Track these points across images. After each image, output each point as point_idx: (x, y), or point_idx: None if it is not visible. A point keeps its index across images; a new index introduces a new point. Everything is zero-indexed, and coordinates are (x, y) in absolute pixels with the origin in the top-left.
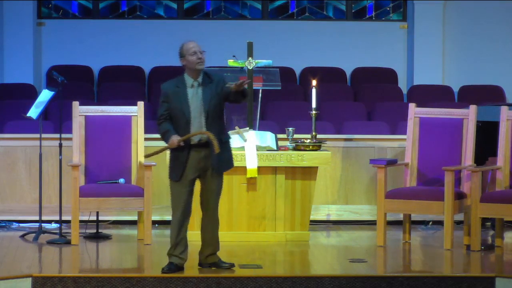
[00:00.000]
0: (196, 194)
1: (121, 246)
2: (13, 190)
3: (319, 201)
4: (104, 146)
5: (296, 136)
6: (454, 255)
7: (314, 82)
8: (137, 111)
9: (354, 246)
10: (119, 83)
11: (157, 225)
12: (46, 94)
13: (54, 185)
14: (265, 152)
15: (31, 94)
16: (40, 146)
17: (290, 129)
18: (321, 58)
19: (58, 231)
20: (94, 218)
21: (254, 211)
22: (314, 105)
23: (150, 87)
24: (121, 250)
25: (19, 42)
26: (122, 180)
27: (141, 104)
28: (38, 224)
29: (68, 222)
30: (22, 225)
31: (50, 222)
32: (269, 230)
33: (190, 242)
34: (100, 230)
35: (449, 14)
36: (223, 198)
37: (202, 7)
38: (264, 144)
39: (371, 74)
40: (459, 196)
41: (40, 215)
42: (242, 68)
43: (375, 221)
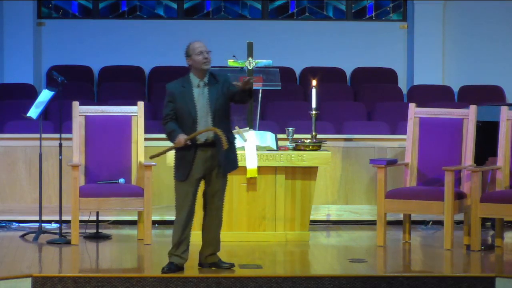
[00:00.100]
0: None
1: (121, 246)
2: (13, 190)
3: (319, 201)
4: (104, 146)
5: (296, 136)
6: (454, 255)
7: (314, 82)
8: (137, 111)
9: (354, 246)
10: (119, 83)
11: (157, 225)
12: (46, 94)
13: (54, 185)
14: (265, 152)
15: (31, 94)
16: (40, 146)
17: (290, 129)
18: (321, 58)
19: (58, 231)
20: (94, 218)
21: (254, 211)
22: (314, 105)
23: (150, 87)
24: (121, 250)
25: (19, 42)
26: (122, 180)
27: (141, 104)
28: (38, 224)
29: (68, 222)
30: (22, 225)
31: (50, 222)
32: (269, 230)
33: (191, 242)
34: (100, 230)
35: (449, 14)
36: None
37: (202, 7)
38: (264, 144)
39: (371, 74)
40: (459, 196)
41: (40, 215)
42: (242, 68)
43: (375, 221)
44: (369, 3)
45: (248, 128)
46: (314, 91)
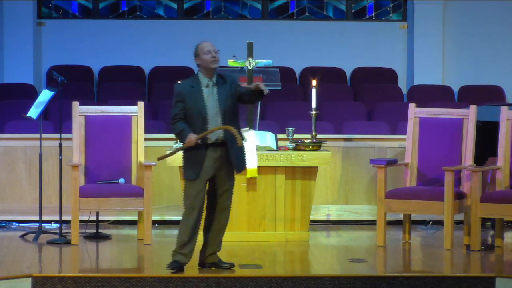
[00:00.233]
0: None
1: (121, 246)
2: (13, 190)
3: (319, 201)
4: (104, 146)
5: (296, 136)
6: (454, 255)
7: (314, 82)
8: (137, 111)
9: (354, 246)
10: (119, 83)
11: (157, 225)
12: (46, 94)
13: (54, 185)
14: (265, 152)
15: (31, 94)
16: (40, 146)
17: (290, 129)
18: (321, 58)
19: (58, 231)
20: (94, 218)
21: (254, 211)
22: (314, 105)
23: (150, 87)
24: (121, 250)
25: (19, 42)
26: (122, 180)
27: (141, 104)
28: (38, 224)
29: (68, 222)
30: (22, 225)
31: (50, 222)
32: (269, 230)
33: None
34: (100, 230)
35: (449, 14)
36: None
37: (202, 7)
38: (264, 144)
39: (371, 74)
40: (459, 196)
41: (40, 215)
42: (242, 68)
43: (375, 221)
44: (369, 3)
45: (248, 128)
46: (314, 91)
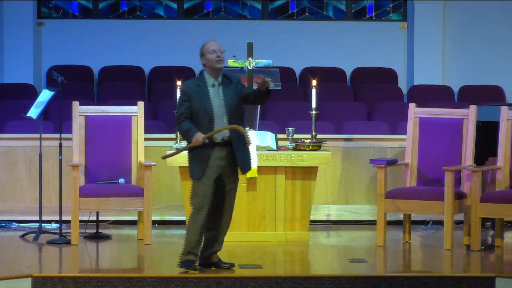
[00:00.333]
0: None
1: (121, 246)
2: (13, 190)
3: (319, 201)
4: (104, 146)
5: (296, 136)
6: (454, 255)
7: (314, 82)
8: (137, 111)
9: (354, 246)
10: (119, 83)
11: (157, 225)
12: (46, 94)
13: (54, 185)
14: (265, 152)
15: (31, 94)
16: (40, 146)
17: (290, 129)
18: (321, 58)
19: (58, 231)
20: (94, 218)
21: (254, 211)
22: (314, 105)
23: (150, 87)
24: (121, 250)
25: (19, 42)
26: (122, 180)
27: (141, 104)
28: (38, 224)
29: (68, 222)
30: (22, 225)
31: (50, 222)
32: (269, 230)
33: None
34: (100, 230)
35: (449, 14)
36: None
37: (202, 7)
38: (264, 144)
39: (371, 74)
40: (459, 196)
41: (40, 215)
42: (242, 68)
43: (375, 221)
44: (369, 3)
45: (248, 128)
46: (314, 91)
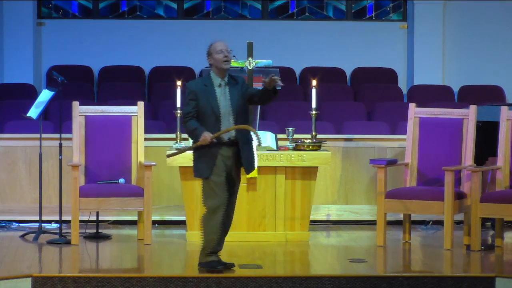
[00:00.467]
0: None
1: (121, 246)
2: (13, 190)
3: (319, 201)
4: (104, 146)
5: (296, 136)
6: (454, 255)
7: (314, 82)
8: (137, 111)
9: (354, 246)
10: (119, 83)
11: (157, 225)
12: (46, 94)
13: (54, 185)
14: (265, 152)
15: (31, 94)
16: (40, 146)
17: (290, 129)
18: (321, 58)
19: (58, 231)
20: (94, 218)
21: (254, 211)
22: (314, 105)
23: (150, 87)
24: (121, 250)
25: (19, 42)
26: (122, 180)
27: (141, 104)
28: (38, 224)
29: (68, 222)
30: (22, 225)
31: (50, 222)
32: (269, 230)
33: (190, 242)
34: (100, 230)
35: (449, 14)
36: None
37: (202, 7)
38: (264, 144)
39: (371, 74)
40: (459, 196)
41: (40, 215)
42: (242, 68)
43: (375, 221)
44: (369, 3)
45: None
46: (314, 91)
